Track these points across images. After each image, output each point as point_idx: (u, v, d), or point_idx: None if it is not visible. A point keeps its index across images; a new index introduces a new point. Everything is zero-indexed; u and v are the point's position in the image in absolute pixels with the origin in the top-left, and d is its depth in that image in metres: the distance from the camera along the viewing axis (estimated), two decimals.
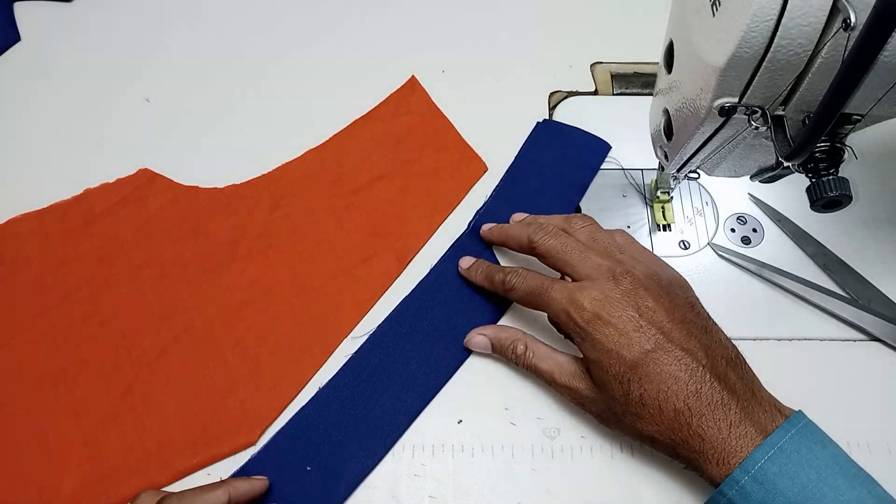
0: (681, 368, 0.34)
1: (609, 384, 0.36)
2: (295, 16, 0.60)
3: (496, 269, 0.43)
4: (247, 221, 0.49)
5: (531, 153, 0.52)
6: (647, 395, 0.35)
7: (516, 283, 0.41)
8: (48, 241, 0.48)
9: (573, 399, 0.39)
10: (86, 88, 0.56)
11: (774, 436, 0.32)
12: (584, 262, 0.39)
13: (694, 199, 0.50)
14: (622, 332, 0.35)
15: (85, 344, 0.44)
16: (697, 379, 0.34)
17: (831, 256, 0.47)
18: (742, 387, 0.35)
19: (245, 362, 0.43)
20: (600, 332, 0.36)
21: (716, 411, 0.33)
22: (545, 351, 0.40)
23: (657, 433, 0.35)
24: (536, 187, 0.50)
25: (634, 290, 0.37)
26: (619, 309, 0.36)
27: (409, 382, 0.43)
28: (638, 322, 0.36)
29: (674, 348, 0.35)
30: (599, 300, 0.36)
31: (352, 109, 0.54)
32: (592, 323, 0.36)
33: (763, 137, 0.35)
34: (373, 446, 0.41)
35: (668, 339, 0.35)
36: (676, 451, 0.35)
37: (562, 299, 0.37)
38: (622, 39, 0.58)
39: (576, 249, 0.39)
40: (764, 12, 0.28)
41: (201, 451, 0.41)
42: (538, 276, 0.40)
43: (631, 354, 0.35)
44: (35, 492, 0.39)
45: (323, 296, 0.46)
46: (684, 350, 0.35)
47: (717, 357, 0.35)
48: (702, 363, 0.34)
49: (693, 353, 0.35)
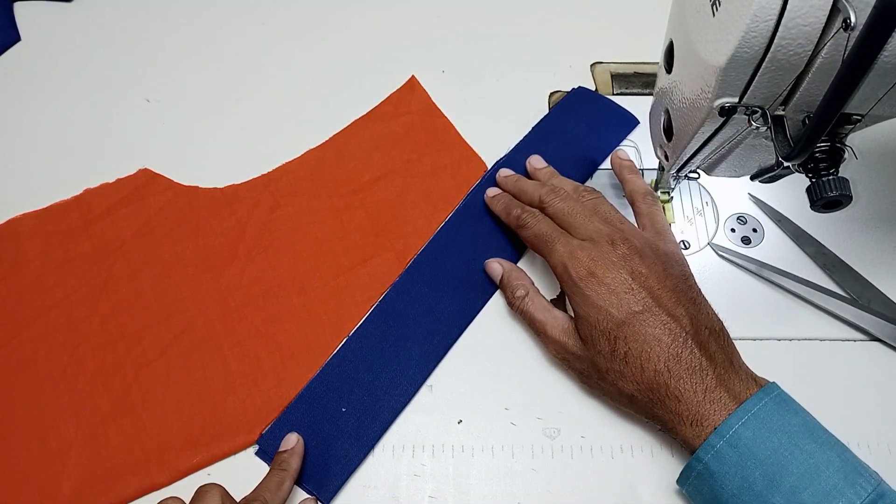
0: (665, 332, 0.36)
1: (596, 339, 0.38)
2: (295, 16, 0.60)
3: (516, 204, 0.45)
4: (247, 221, 0.49)
5: (561, 114, 0.54)
6: (630, 353, 0.36)
7: (529, 223, 0.43)
8: (48, 241, 0.48)
9: (559, 354, 0.41)
10: (86, 88, 0.56)
11: (748, 402, 0.34)
12: (587, 226, 0.41)
13: (694, 199, 0.50)
14: (613, 292, 0.38)
15: (85, 344, 0.44)
16: (679, 343, 0.36)
17: (831, 256, 0.47)
18: (721, 356, 0.36)
19: (245, 362, 0.43)
20: (592, 289, 0.38)
21: (693, 375, 0.35)
22: (543, 303, 0.42)
23: (637, 391, 0.37)
24: (559, 146, 0.52)
25: (630, 256, 0.39)
26: (614, 270, 0.38)
27: (434, 325, 0.45)
28: (630, 285, 0.38)
29: (661, 313, 0.37)
30: (595, 259, 0.38)
31: (352, 109, 0.54)
32: (586, 279, 0.38)
33: (763, 137, 0.35)
34: (403, 386, 0.43)
35: (658, 303, 0.37)
36: (654, 410, 0.37)
37: (563, 252, 0.40)
38: (622, 39, 0.58)
39: (581, 214, 0.42)
40: (764, 12, 0.28)
41: (201, 451, 0.41)
42: (551, 225, 0.42)
43: (619, 313, 0.37)
44: (35, 492, 0.39)
45: (323, 296, 0.46)
46: (671, 316, 0.37)
47: (701, 326, 0.37)
48: (685, 329, 0.36)
49: (679, 319, 0.37)
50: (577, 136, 0.53)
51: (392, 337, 0.44)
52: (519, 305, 0.43)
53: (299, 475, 0.39)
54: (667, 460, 0.40)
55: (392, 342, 0.44)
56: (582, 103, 0.55)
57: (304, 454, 0.40)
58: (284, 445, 0.40)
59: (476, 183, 0.50)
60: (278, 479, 0.38)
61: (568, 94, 0.55)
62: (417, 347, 0.44)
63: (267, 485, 0.37)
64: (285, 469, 0.38)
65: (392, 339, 0.44)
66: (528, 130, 0.53)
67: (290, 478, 0.38)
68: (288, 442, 0.40)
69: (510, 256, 0.47)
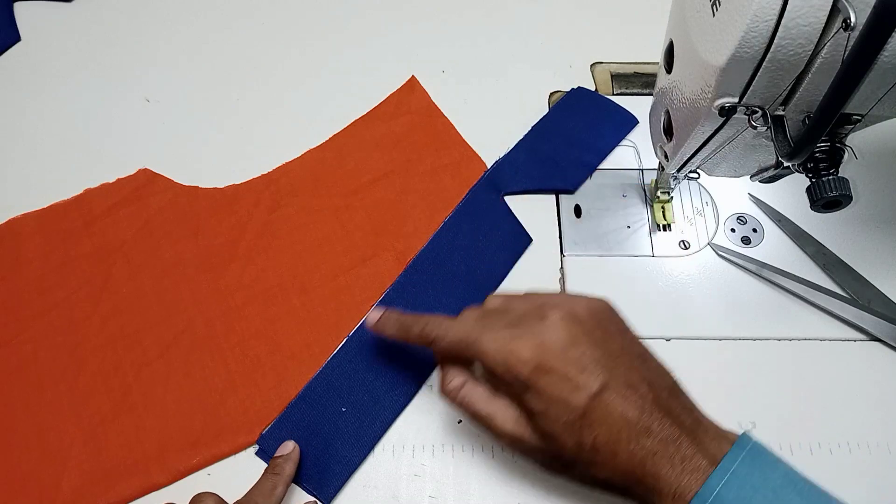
0: (629, 407, 0.33)
1: (559, 435, 0.33)
2: (295, 16, 0.60)
3: (411, 320, 0.39)
4: (247, 221, 0.49)
5: (561, 114, 0.54)
6: (599, 440, 0.33)
7: (439, 334, 0.37)
8: (48, 241, 0.48)
9: (515, 447, 0.36)
10: (86, 88, 0.56)
11: (725, 462, 0.31)
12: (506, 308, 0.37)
13: (694, 199, 0.50)
14: (566, 378, 0.33)
15: (85, 344, 0.44)
16: (647, 416, 0.33)
17: (831, 256, 0.47)
18: (687, 416, 0.34)
19: (245, 362, 0.44)
20: (545, 381, 0.33)
21: (668, 447, 0.32)
22: (483, 392, 0.37)
23: (611, 477, 0.33)
24: (559, 146, 0.52)
25: (568, 328, 0.34)
26: (559, 352, 0.34)
27: None
28: (580, 363, 0.33)
29: (619, 385, 0.33)
30: (537, 348, 0.34)
31: (352, 109, 0.54)
32: (535, 373, 0.33)
33: (763, 137, 0.35)
34: (403, 386, 0.42)
35: (612, 376, 0.33)
36: (631, 491, 0.33)
37: (497, 351, 0.34)
38: (622, 39, 0.58)
39: (491, 300, 0.38)
40: (764, 12, 0.28)
41: (201, 451, 0.41)
42: (463, 323, 0.36)
43: (579, 400, 0.33)
44: (35, 492, 0.39)
45: (323, 296, 0.46)
46: (630, 387, 0.33)
47: (660, 389, 0.34)
48: (647, 398, 0.33)
49: (637, 388, 0.33)
50: (576, 136, 0.53)
51: None
52: (456, 397, 0.37)
53: (300, 475, 0.39)
54: None
55: (391, 342, 0.44)
56: (581, 103, 0.55)
57: (304, 454, 0.40)
58: (281, 451, 0.40)
59: (476, 183, 0.50)
60: (271, 484, 0.38)
61: (567, 94, 0.55)
62: (417, 348, 0.44)
63: (259, 489, 0.37)
64: (278, 473, 0.38)
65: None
66: (528, 130, 0.53)
67: (282, 483, 0.38)
68: (284, 448, 0.40)
69: (510, 254, 0.47)
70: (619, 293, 0.46)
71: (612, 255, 0.48)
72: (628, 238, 0.49)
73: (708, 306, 0.46)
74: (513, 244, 0.48)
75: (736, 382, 0.43)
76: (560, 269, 0.47)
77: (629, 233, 0.49)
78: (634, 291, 0.46)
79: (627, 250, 0.48)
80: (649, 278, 0.47)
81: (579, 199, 0.50)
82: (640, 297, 0.46)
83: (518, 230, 0.49)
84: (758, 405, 0.42)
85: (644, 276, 0.47)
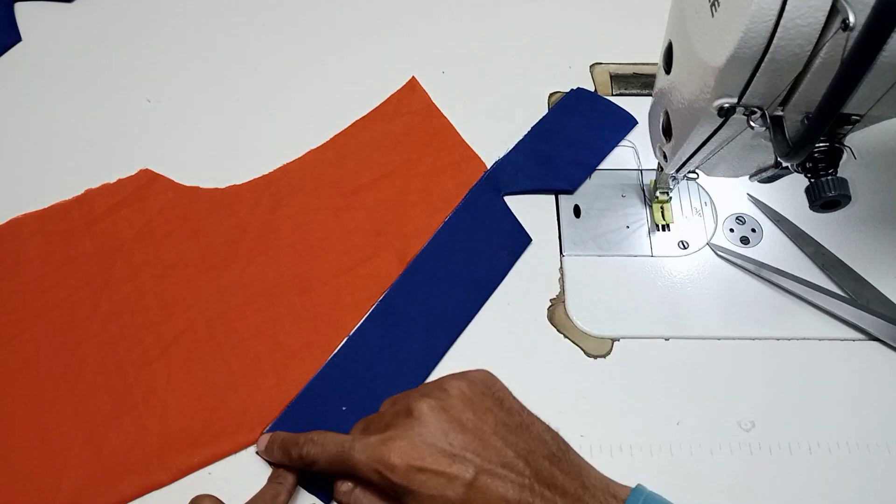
0: (508, 488, 0.32)
1: None
2: (295, 16, 0.60)
3: (290, 441, 0.38)
4: (247, 221, 0.49)
5: (560, 115, 0.54)
6: None
7: (315, 454, 0.36)
8: (49, 241, 0.48)
9: None
10: (86, 88, 0.56)
11: None
12: (384, 414, 0.37)
13: (693, 200, 0.50)
14: (439, 473, 0.33)
15: (85, 344, 0.44)
16: (527, 493, 0.32)
17: (830, 256, 0.47)
18: (571, 483, 0.33)
19: (245, 362, 0.44)
20: (418, 483, 0.33)
21: None
22: (373, 496, 0.36)
23: None
24: (558, 146, 0.52)
25: (435, 418, 0.34)
26: (427, 448, 0.33)
27: (434, 325, 0.45)
28: (450, 453, 0.33)
29: (494, 467, 0.33)
30: (405, 449, 0.33)
31: (352, 110, 0.54)
32: (408, 477, 0.33)
33: (762, 138, 0.35)
34: (403, 386, 0.42)
35: (485, 459, 0.33)
36: None
37: (368, 460, 0.34)
38: (622, 40, 0.59)
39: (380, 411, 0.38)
40: (763, 12, 0.28)
41: (202, 451, 0.41)
42: (334, 438, 0.36)
43: (456, 492, 0.32)
44: (35, 492, 0.39)
45: (323, 296, 0.46)
46: (505, 466, 0.33)
47: (538, 460, 0.34)
48: (525, 474, 0.33)
49: (513, 466, 0.33)
50: (575, 136, 0.53)
51: (392, 337, 0.44)
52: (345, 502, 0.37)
53: (300, 475, 0.39)
54: (666, 459, 0.40)
55: (392, 342, 0.44)
56: (581, 104, 0.55)
57: None
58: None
59: (476, 183, 0.50)
60: (273, 493, 0.37)
61: (567, 95, 0.55)
62: (417, 347, 0.44)
63: (262, 497, 0.37)
64: (282, 482, 0.38)
65: (392, 339, 0.44)
66: (528, 131, 0.53)
67: (285, 491, 0.37)
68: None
69: (513, 254, 0.47)
70: (618, 293, 0.46)
71: (612, 255, 0.48)
72: (627, 238, 0.49)
73: (707, 306, 0.46)
74: (512, 244, 0.48)
75: (735, 382, 0.43)
76: (559, 269, 0.47)
77: (628, 233, 0.49)
78: (633, 291, 0.46)
79: (626, 250, 0.48)
80: (648, 278, 0.47)
81: (579, 199, 0.50)
82: (639, 297, 0.46)
83: (518, 230, 0.49)
84: (757, 405, 0.42)
85: (643, 276, 0.47)
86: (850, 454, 0.41)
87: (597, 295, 0.46)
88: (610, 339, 0.45)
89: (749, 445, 0.41)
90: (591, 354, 0.44)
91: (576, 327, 0.45)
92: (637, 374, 0.44)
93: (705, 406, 0.42)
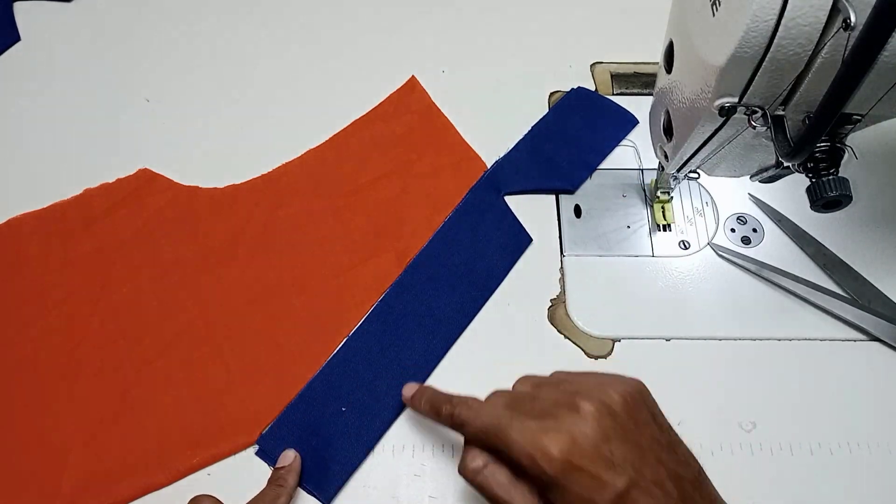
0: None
1: None
2: (295, 16, 0.60)
3: (443, 399, 0.38)
4: (247, 221, 0.49)
5: (560, 114, 0.54)
6: None
7: (467, 418, 0.36)
8: (48, 241, 0.48)
9: None
10: (86, 88, 0.56)
11: None
12: (535, 396, 0.36)
13: (694, 199, 0.50)
14: (594, 476, 0.32)
15: (85, 344, 0.44)
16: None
17: (831, 256, 0.47)
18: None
19: (245, 362, 0.43)
20: (571, 480, 0.32)
21: None
22: (504, 477, 0.35)
23: None
24: (559, 146, 0.52)
25: (600, 423, 0.33)
26: (589, 449, 0.32)
27: (434, 325, 0.45)
28: (609, 461, 0.32)
29: (646, 483, 0.32)
30: (568, 443, 0.32)
31: (352, 109, 0.54)
32: (563, 471, 0.32)
33: (763, 137, 0.35)
34: (403, 385, 0.42)
35: (640, 473, 0.32)
36: None
37: (525, 443, 0.33)
38: (622, 39, 0.59)
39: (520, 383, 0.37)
40: (764, 12, 0.28)
41: (201, 451, 0.41)
42: (493, 409, 0.35)
43: (603, 500, 0.32)
44: (35, 492, 0.39)
45: (323, 296, 0.46)
46: (656, 484, 0.32)
47: (685, 483, 0.33)
48: (672, 496, 0.32)
49: (663, 485, 0.32)
50: (576, 135, 0.53)
51: (392, 337, 0.44)
52: (475, 479, 0.35)
53: (300, 475, 0.39)
54: None
55: (392, 342, 0.44)
56: (581, 103, 0.55)
57: (304, 454, 0.40)
58: (282, 461, 0.40)
59: (476, 183, 0.50)
60: (274, 495, 0.37)
61: (567, 94, 0.55)
62: (417, 347, 0.44)
63: (262, 499, 0.37)
64: (282, 485, 0.38)
65: (392, 338, 0.44)
66: (528, 130, 0.53)
67: (286, 494, 0.38)
68: (285, 458, 0.40)
69: (510, 252, 0.47)
70: (618, 293, 0.46)
71: (612, 255, 0.48)
72: (628, 238, 0.49)
73: (708, 306, 0.46)
74: (513, 244, 0.48)
75: (736, 382, 0.43)
76: (560, 269, 0.47)
77: (629, 233, 0.49)
78: (634, 291, 0.46)
79: (627, 250, 0.48)
80: (649, 278, 0.47)
81: (579, 198, 0.50)
82: (640, 297, 0.46)
83: (518, 230, 0.49)
84: (758, 405, 0.42)
85: (644, 276, 0.47)
86: (851, 455, 0.41)
87: (597, 295, 0.46)
88: (611, 340, 0.45)
89: (750, 446, 0.41)
90: (592, 355, 0.44)
91: (576, 328, 0.45)
92: (638, 374, 0.43)
93: (706, 407, 0.42)
